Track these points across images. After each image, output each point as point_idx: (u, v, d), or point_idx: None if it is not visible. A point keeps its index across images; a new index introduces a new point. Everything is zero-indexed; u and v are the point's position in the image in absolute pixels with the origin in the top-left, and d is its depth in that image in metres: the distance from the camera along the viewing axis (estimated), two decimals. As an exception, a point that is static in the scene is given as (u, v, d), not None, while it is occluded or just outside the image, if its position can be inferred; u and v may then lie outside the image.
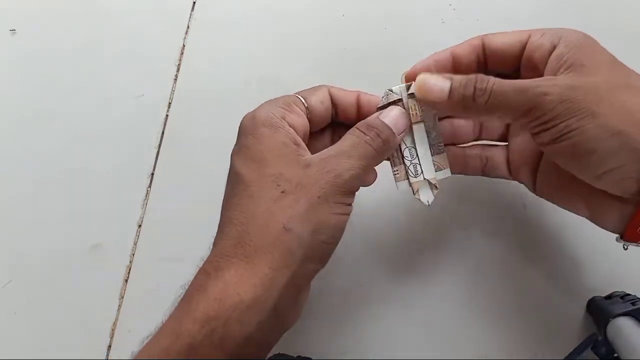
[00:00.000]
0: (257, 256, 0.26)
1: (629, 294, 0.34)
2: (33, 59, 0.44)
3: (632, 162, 0.26)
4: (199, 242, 0.39)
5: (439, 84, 0.29)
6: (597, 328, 0.35)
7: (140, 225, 0.40)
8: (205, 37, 0.44)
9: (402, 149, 0.32)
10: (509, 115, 0.28)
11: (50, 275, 0.39)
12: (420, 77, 0.30)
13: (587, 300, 0.36)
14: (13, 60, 0.44)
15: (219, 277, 0.26)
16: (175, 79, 0.43)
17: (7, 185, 0.41)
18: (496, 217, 0.38)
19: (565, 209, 0.31)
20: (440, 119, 0.33)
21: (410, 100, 0.31)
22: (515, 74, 0.31)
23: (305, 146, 0.29)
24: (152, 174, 0.41)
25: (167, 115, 0.42)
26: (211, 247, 0.28)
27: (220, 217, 0.29)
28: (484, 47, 0.31)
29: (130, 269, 0.39)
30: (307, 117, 0.31)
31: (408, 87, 0.31)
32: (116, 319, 0.38)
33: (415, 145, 0.32)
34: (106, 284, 0.39)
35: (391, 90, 0.31)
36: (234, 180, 0.28)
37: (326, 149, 0.29)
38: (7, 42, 0.45)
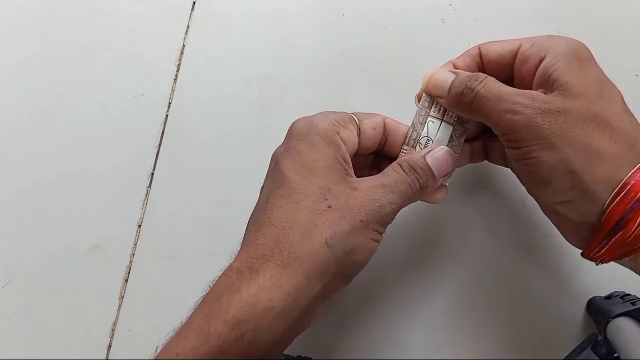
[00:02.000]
0: (294, 264, 0.26)
1: (629, 294, 0.34)
2: (33, 59, 0.44)
3: (582, 201, 0.26)
4: (199, 242, 0.39)
5: (443, 78, 0.30)
6: (597, 328, 0.34)
7: (140, 225, 0.40)
8: (205, 37, 0.44)
9: (421, 135, 0.32)
10: (487, 121, 0.28)
11: (50, 275, 0.39)
12: (430, 72, 0.31)
13: (587, 300, 0.36)
14: (13, 60, 0.44)
15: (253, 279, 0.26)
16: (175, 79, 0.43)
17: (7, 185, 0.41)
18: (496, 217, 0.38)
19: None
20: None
21: None
22: (511, 80, 0.31)
23: (352, 166, 0.30)
24: (152, 174, 0.41)
25: (167, 115, 0.42)
26: (242, 240, 0.28)
27: (258, 213, 0.29)
28: (481, 56, 0.32)
29: (130, 269, 0.39)
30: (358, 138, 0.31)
31: None
32: (116, 319, 0.38)
33: (434, 140, 0.32)
34: (106, 284, 0.39)
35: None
36: (280, 181, 0.28)
37: (369, 178, 0.29)
38: (7, 42, 0.45)
